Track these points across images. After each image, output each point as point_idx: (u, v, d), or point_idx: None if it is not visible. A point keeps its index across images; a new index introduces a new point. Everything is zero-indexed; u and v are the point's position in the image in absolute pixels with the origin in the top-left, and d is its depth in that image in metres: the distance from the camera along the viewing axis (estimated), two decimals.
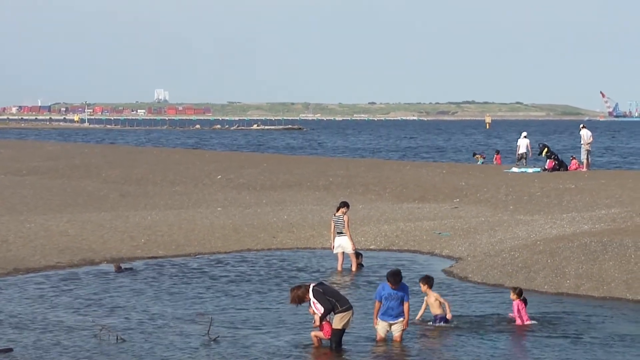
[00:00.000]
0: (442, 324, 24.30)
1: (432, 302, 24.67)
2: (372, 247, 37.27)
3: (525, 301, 25.11)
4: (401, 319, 21.90)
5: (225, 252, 36.81)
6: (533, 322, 24.77)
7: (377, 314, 22.06)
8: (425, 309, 24.71)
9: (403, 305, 21.92)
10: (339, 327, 21.49)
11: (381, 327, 21.99)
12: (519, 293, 25.18)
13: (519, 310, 24.82)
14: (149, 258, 35.35)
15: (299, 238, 39.69)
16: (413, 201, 52.31)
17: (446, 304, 24.62)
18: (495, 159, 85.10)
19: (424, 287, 24.71)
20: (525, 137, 76.54)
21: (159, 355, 21.44)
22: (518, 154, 74.15)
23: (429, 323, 24.43)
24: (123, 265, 33.30)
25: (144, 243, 37.87)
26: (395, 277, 21.86)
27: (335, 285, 28.24)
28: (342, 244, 33.13)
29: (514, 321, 24.72)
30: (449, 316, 24.33)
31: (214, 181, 67.03)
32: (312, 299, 21.62)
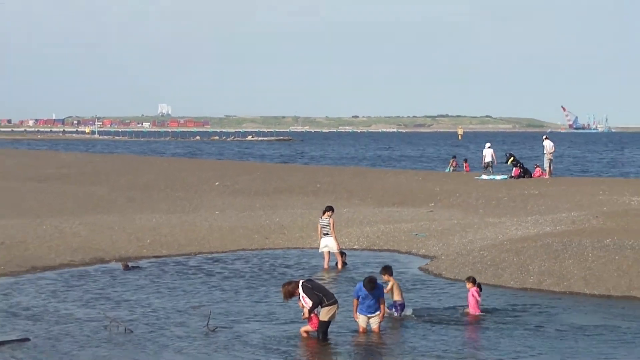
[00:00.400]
0: (400, 312, 24.72)
1: (393, 288, 25.01)
2: (355, 247, 37.34)
3: (480, 287, 25.54)
4: (378, 312, 22.33)
5: (222, 252, 36.85)
6: (484, 314, 25.12)
7: (356, 309, 22.48)
8: (390, 293, 24.87)
9: (378, 302, 22.31)
10: (325, 319, 21.78)
11: (361, 320, 22.36)
12: (473, 281, 25.56)
13: (473, 296, 25.18)
14: (154, 257, 35.38)
15: (290, 239, 39.72)
16: (392, 205, 52.38)
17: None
18: (465, 167, 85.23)
19: (385, 277, 25.02)
20: (489, 147, 76.74)
21: (163, 345, 21.54)
22: (484, 163, 74.27)
23: (391, 311, 24.66)
24: (130, 264, 33.35)
25: (149, 243, 37.90)
26: (370, 285, 22.24)
27: (321, 281, 28.32)
28: (328, 244, 33.24)
29: (473, 310, 25.04)
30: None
31: (212, 187, 67.00)
32: (302, 294, 21.89)
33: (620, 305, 26.49)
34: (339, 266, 32.83)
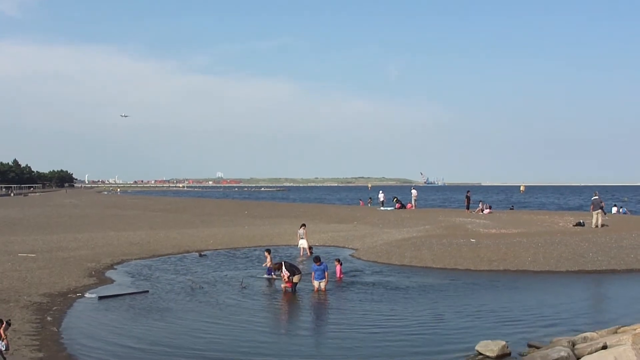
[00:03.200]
0: (271, 275, 24.72)
1: (268, 262, 25.56)
2: (317, 244, 37.02)
3: (341, 263, 25.37)
4: (323, 278, 22.17)
5: (247, 247, 36.51)
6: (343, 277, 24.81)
7: (313, 277, 22.35)
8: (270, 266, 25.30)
9: (324, 272, 22.20)
10: (296, 281, 22.11)
11: (315, 283, 22.21)
12: (339, 261, 25.51)
13: (340, 271, 24.95)
14: (214, 249, 34.99)
15: (283, 240, 39.41)
16: (336, 223, 52.22)
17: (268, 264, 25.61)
18: (368, 201, 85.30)
19: (266, 254, 26.06)
20: (382, 192, 77.03)
21: (218, 294, 21.37)
22: (380, 201, 74.29)
23: (265, 275, 25.14)
24: (202, 253, 33.08)
25: (211, 242, 37.55)
26: (315, 260, 22.49)
27: (297, 262, 28.24)
28: (303, 243, 33.12)
29: (339, 276, 24.74)
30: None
31: (243, 214, 66.68)
32: (283, 268, 22.29)
33: (450, 273, 26.47)
34: (308, 254, 32.65)
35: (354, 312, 18.71)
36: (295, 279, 22.05)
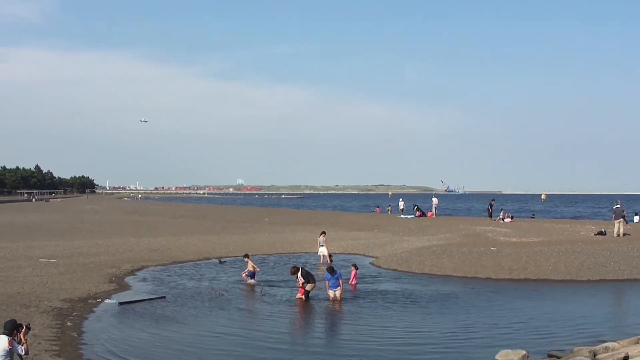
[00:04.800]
0: (251, 279, 25.58)
1: (250, 267, 25.93)
2: (337, 252, 36.95)
3: (357, 268, 25.78)
4: (338, 287, 21.94)
5: (268, 254, 36.53)
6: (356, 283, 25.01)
7: (328, 287, 22.12)
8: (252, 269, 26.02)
9: (338, 281, 21.98)
10: (309, 289, 22.06)
11: (330, 292, 22.01)
12: (355, 266, 25.79)
13: (355, 276, 25.23)
14: (233, 256, 35.02)
15: (303, 247, 39.46)
16: (355, 231, 52.14)
17: (257, 268, 26.38)
18: (388, 209, 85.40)
19: (246, 259, 26.34)
20: (402, 200, 76.92)
21: (239, 301, 21.46)
22: (400, 209, 74.08)
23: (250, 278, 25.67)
24: (222, 259, 33.20)
25: (232, 249, 37.64)
26: (330, 271, 22.15)
27: (315, 270, 28.18)
28: (322, 251, 33.07)
29: (352, 281, 24.88)
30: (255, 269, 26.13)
31: (263, 221, 66.85)
32: (299, 275, 22.26)
33: (471, 281, 26.33)
34: (328, 262, 32.56)
35: (370, 321, 18.57)
36: (309, 287, 21.95)
